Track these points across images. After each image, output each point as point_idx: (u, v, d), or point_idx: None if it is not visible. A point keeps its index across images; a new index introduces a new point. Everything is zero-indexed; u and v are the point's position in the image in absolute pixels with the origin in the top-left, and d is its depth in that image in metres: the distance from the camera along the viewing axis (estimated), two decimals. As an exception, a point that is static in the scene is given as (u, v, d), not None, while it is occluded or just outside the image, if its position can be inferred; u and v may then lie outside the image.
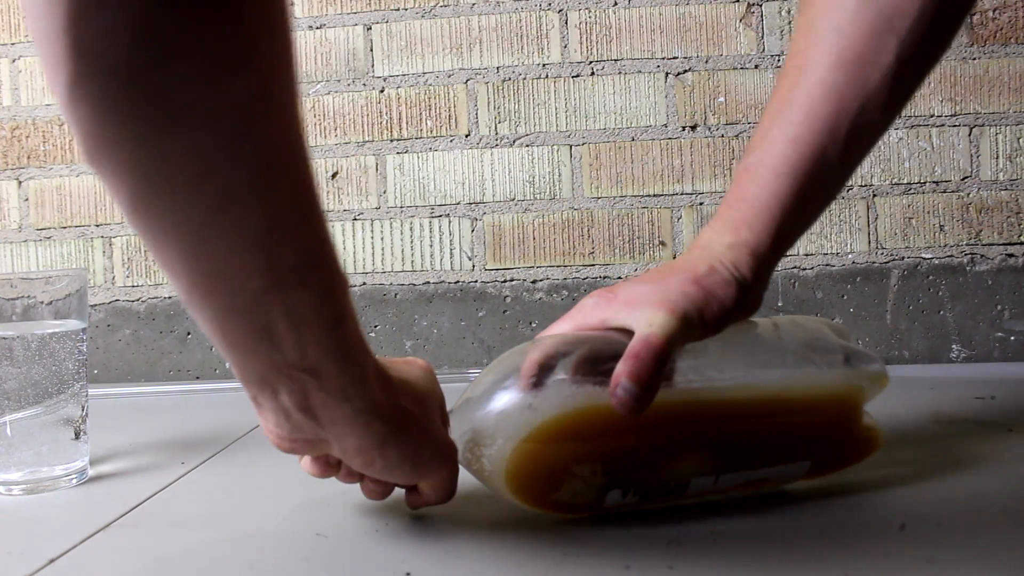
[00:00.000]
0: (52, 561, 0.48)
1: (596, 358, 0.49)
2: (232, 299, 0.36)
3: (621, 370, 0.45)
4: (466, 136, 1.12)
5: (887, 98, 0.53)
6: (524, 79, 1.11)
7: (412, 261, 1.13)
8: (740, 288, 0.50)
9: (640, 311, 0.48)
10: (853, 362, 0.54)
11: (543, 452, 0.47)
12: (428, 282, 1.13)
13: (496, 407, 0.48)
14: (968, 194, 1.08)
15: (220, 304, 0.36)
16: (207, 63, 0.30)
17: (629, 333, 0.48)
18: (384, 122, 1.13)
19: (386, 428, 0.43)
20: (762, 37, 1.09)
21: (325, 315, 0.39)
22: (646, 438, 0.48)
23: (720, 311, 0.49)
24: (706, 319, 0.48)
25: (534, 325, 1.11)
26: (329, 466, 0.48)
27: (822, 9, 0.54)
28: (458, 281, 1.12)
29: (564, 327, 0.53)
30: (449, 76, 1.12)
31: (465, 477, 0.49)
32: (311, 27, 1.13)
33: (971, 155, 1.07)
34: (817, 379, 0.53)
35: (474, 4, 1.11)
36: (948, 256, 1.07)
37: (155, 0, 0.28)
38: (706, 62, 1.09)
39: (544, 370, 0.48)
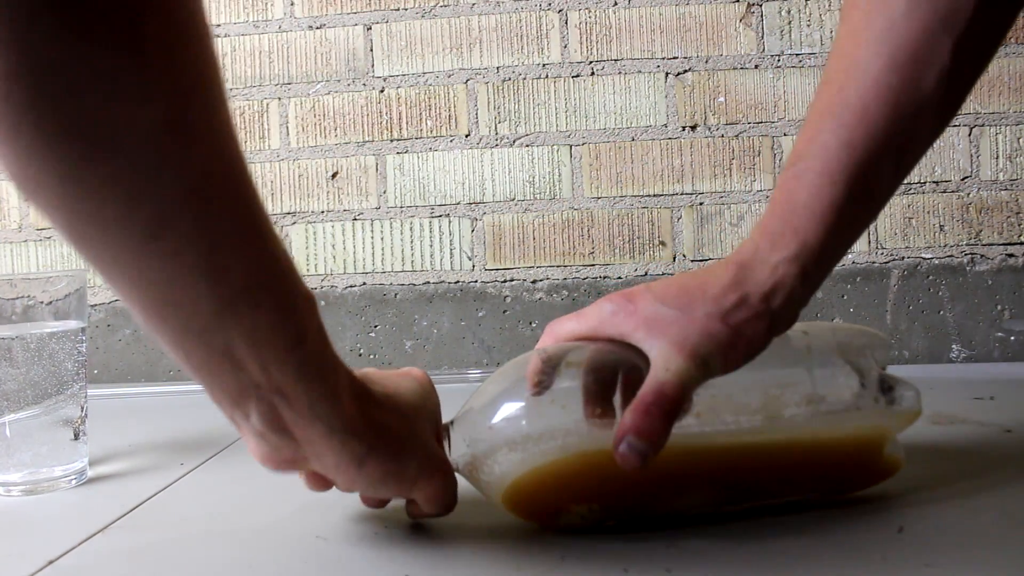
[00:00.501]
0: (51, 562, 0.48)
1: (605, 380, 0.47)
2: (186, 323, 0.36)
3: (628, 424, 0.43)
4: (466, 136, 1.12)
5: (942, 100, 0.49)
6: (524, 79, 1.11)
7: (412, 261, 1.13)
8: (771, 322, 0.46)
9: (659, 343, 0.45)
10: (886, 396, 0.50)
11: (540, 489, 0.46)
12: (428, 282, 1.13)
13: (499, 428, 0.47)
14: (968, 194, 1.07)
15: (175, 328, 0.36)
16: (111, 96, 0.30)
17: (643, 355, 0.46)
18: (384, 122, 1.13)
19: (362, 445, 0.42)
20: (762, 37, 1.09)
21: (285, 334, 0.38)
22: (650, 482, 0.47)
23: (746, 352, 0.46)
24: (728, 363, 0.46)
25: (534, 325, 1.11)
26: (325, 480, 0.47)
27: (869, 10, 0.50)
28: (458, 281, 1.12)
29: (574, 327, 0.50)
30: (449, 76, 1.12)
31: (464, 483, 0.49)
32: (311, 27, 1.13)
33: (971, 155, 1.07)
34: (842, 421, 0.49)
35: (474, 4, 1.11)
36: (948, 256, 1.07)
37: (51, 39, 0.28)
38: (706, 62, 1.09)
39: (550, 373, 0.47)
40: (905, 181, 1.06)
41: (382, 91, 1.13)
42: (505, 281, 1.12)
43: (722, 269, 0.48)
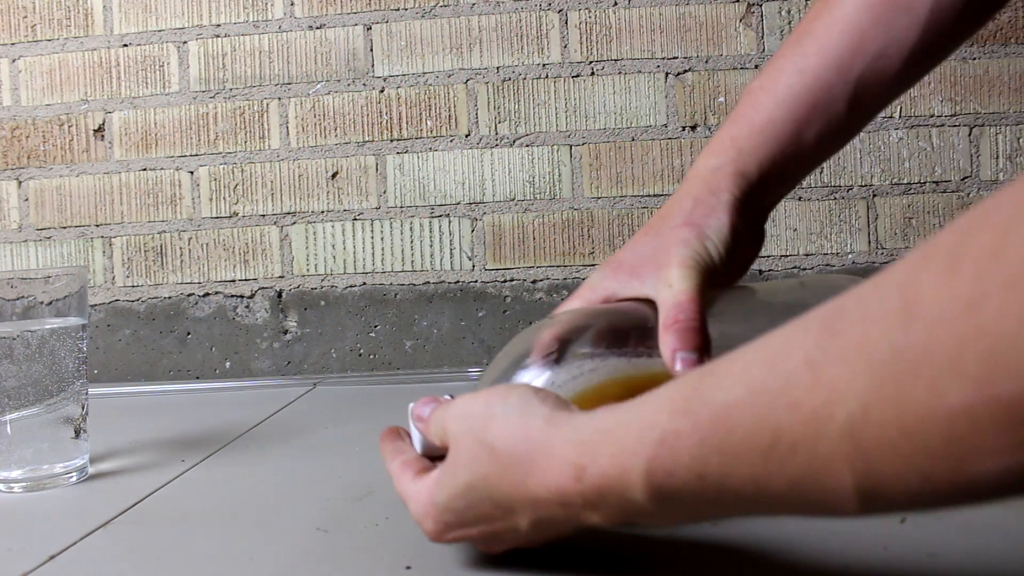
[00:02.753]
0: (52, 558, 0.48)
1: (616, 330, 0.47)
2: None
3: (671, 343, 0.44)
4: (466, 136, 1.12)
5: (912, 49, 0.50)
6: (524, 79, 1.11)
7: (412, 261, 1.13)
8: (731, 210, 0.49)
9: (650, 277, 0.48)
10: None
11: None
12: (428, 282, 1.13)
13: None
14: (968, 194, 1.08)
15: None
16: None
17: (645, 301, 0.48)
18: (384, 122, 1.13)
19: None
20: (762, 37, 1.09)
21: None
22: None
23: (721, 238, 0.48)
24: (713, 254, 0.48)
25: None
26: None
27: None
28: (458, 281, 1.12)
29: (574, 304, 0.52)
30: (449, 76, 1.12)
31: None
32: (311, 27, 1.13)
33: (971, 155, 1.08)
34: None
35: (474, 4, 1.11)
36: (948, 256, 1.07)
37: None
38: (706, 62, 1.10)
39: (563, 344, 0.47)
40: (905, 181, 1.07)
41: (382, 91, 1.13)
42: (505, 281, 1.12)
43: (677, 189, 0.52)
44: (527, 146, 1.11)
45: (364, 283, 1.13)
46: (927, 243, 0.24)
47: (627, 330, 0.47)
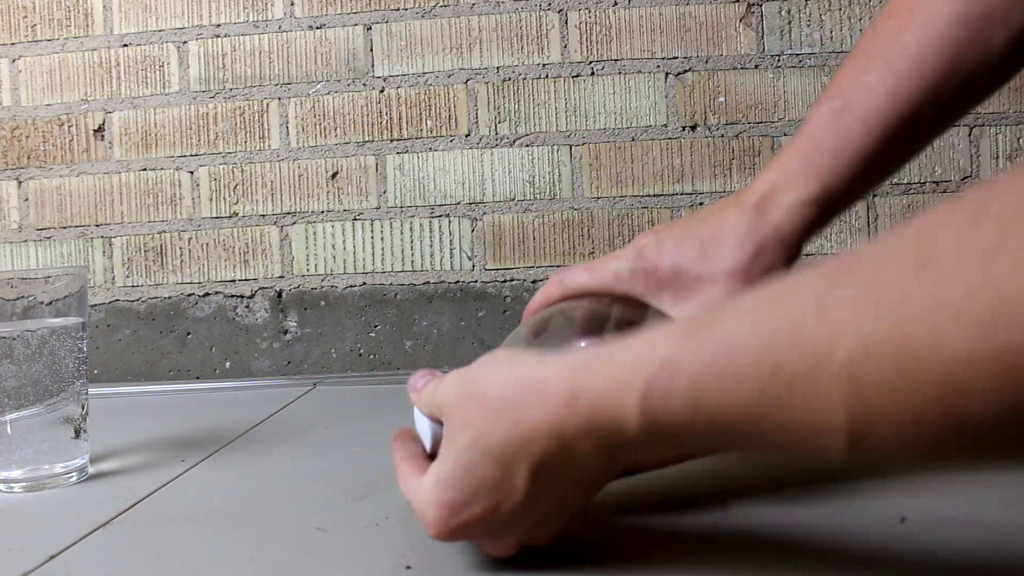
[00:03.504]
0: (52, 557, 0.48)
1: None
2: None
3: None
4: (466, 136, 1.12)
5: (1002, 64, 0.47)
6: (524, 79, 1.11)
7: (412, 261, 1.13)
8: (787, 264, 0.47)
9: (688, 311, 0.46)
10: None
11: None
12: (428, 282, 1.13)
13: None
14: (968, 194, 1.08)
15: None
16: None
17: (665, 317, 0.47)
18: (384, 122, 1.13)
19: None
20: (762, 37, 1.09)
21: None
22: None
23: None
24: None
25: (534, 325, 1.11)
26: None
27: None
28: (458, 281, 1.12)
29: (586, 281, 0.50)
30: (449, 76, 1.12)
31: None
32: (311, 27, 1.13)
33: (971, 155, 1.08)
34: None
35: (474, 4, 1.11)
36: (948, 256, 1.07)
37: None
38: (706, 62, 1.10)
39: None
40: (905, 181, 1.07)
41: (382, 91, 1.13)
42: (505, 281, 1.12)
43: (736, 213, 0.48)
44: (527, 146, 1.11)
45: (364, 283, 1.13)
46: (951, 200, 0.24)
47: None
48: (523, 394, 0.36)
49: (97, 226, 1.17)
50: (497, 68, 1.11)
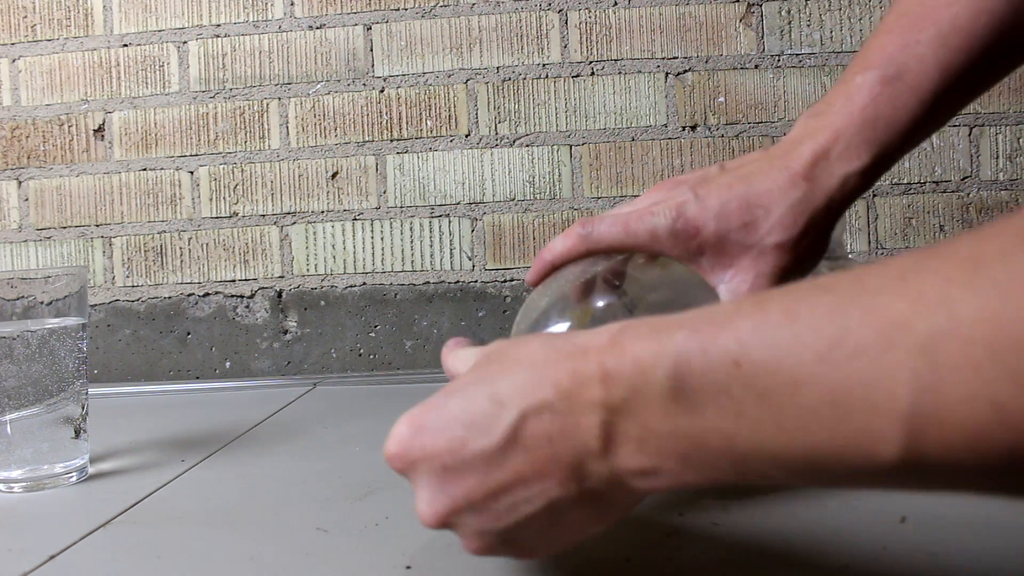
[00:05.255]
0: (52, 557, 0.48)
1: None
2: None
3: None
4: (466, 136, 1.12)
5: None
6: (524, 79, 1.11)
7: (412, 261, 1.13)
8: (830, 233, 0.46)
9: (729, 283, 0.45)
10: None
11: None
12: (428, 282, 1.13)
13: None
14: (968, 194, 1.08)
15: None
16: None
17: (705, 285, 0.45)
18: (384, 122, 1.13)
19: None
20: (762, 37, 1.09)
21: None
22: None
23: (808, 271, 0.46)
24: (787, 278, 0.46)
25: (534, 325, 1.11)
26: None
27: None
28: (458, 281, 1.12)
29: (618, 236, 0.47)
30: (449, 76, 1.12)
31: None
32: (311, 27, 1.13)
33: (971, 155, 1.08)
34: None
35: (474, 4, 1.11)
36: (948, 256, 1.07)
37: None
38: (706, 62, 1.09)
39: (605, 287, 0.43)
40: (905, 181, 1.07)
41: (382, 91, 1.13)
42: (505, 281, 1.12)
43: (785, 180, 0.46)
44: (527, 146, 1.11)
45: (364, 283, 1.13)
46: None
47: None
48: (552, 354, 0.32)
49: (97, 226, 1.17)
50: (497, 68, 1.11)
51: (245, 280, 1.15)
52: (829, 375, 0.24)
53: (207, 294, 1.15)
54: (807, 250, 0.46)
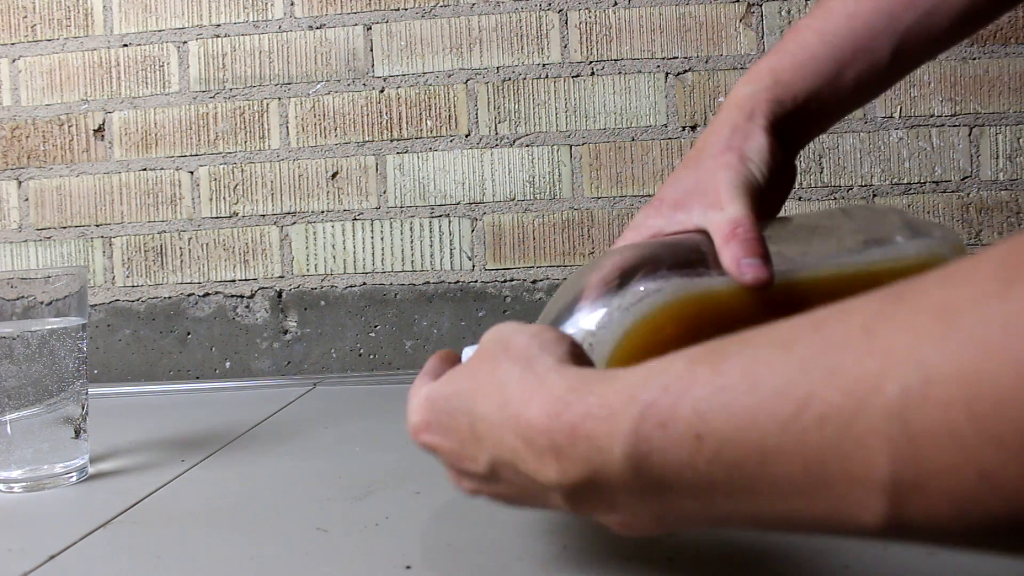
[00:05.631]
0: (52, 557, 0.48)
1: (674, 256, 0.44)
2: None
3: (734, 252, 0.42)
4: (466, 136, 1.12)
5: (962, 10, 0.51)
6: (524, 79, 1.11)
7: (412, 261, 1.13)
8: (768, 134, 0.49)
9: (696, 207, 0.47)
10: (927, 234, 0.50)
11: (648, 347, 0.40)
12: (428, 282, 1.13)
13: (584, 317, 0.42)
14: (968, 194, 1.08)
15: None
16: None
17: (695, 232, 0.47)
18: (384, 122, 1.13)
19: None
20: (762, 37, 1.09)
21: None
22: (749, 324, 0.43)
23: (763, 159, 0.48)
24: (757, 175, 0.47)
25: (534, 325, 1.11)
26: None
27: None
28: (458, 281, 1.12)
29: (627, 236, 0.50)
30: (449, 76, 1.12)
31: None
32: (311, 27, 1.13)
33: (971, 155, 1.07)
34: (902, 252, 0.46)
35: (474, 4, 1.11)
36: (948, 256, 1.07)
37: None
38: (706, 62, 1.09)
39: (623, 273, 0.44)
40: (905, 181, 1.07)
41: (382, 91, 1.13)
42: (505, 281, 1.12)
43: (716, 115, 0.51)
44: (527, 146, 1.11)
45: (364, 283, 1.13)
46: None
47: (685, 255, 0.44)
48: (521, 379, 0.33)
49: (97, 226, 1.17)
50: (497, 68, 1.11)
51: (245, 280, 1.15)
52: (799, 444, 0.23)
53: (207, 294, 1.15)
54: (743, 144, 0.48)
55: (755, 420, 0.24)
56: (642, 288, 0.42)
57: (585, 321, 0.42)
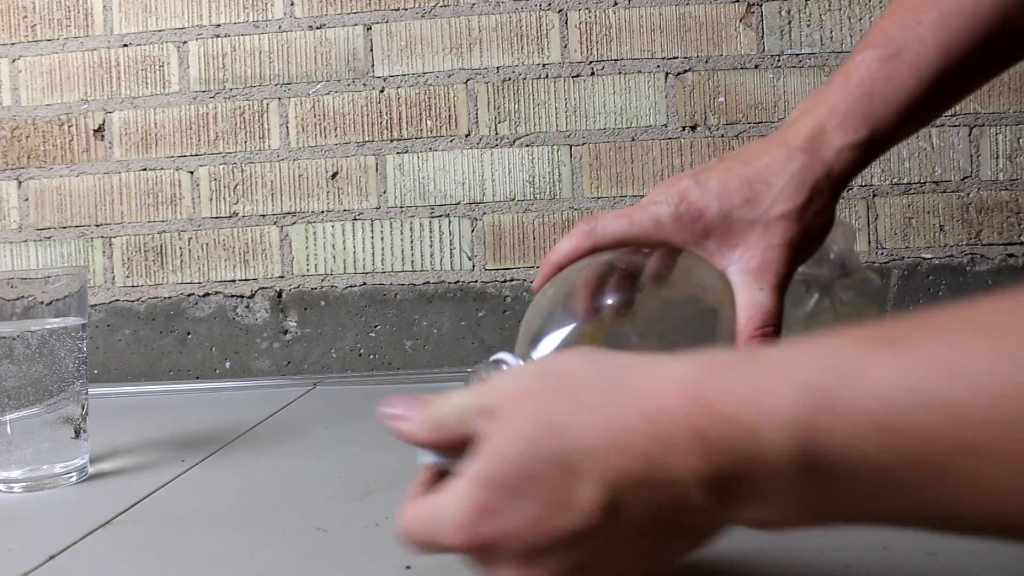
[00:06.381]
0: (52, 557, 0.48)
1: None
2: None
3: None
4: (466, 136, 1.12)
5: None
6: (524, 79, 1.11)
7: (412, 261, 1.13)
8: (834, 204, 0.46)
9: (739, 262, 0.45)
10: (845, 279, 0.49)
11: None
12: (428, 282, 1.13)
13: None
14: (968, 194, 1.08)
15: None
16: None
17: (711, 267, 0.45)
18: (384, 122, 1.13)
19: None
20: (762, 37, 1.09)
21: None
22: None
23: (817, 242, 0.46)
24: (803, 257, 0.46)
25: (534, 325, 1.11)
26: None
27: None
28: (458, 281, 1.12)
29: (623, 228, 0.46)
30: (449, 76, 1.12)
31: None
32: (311, 27, 1.13)
33: (971, 155, 1.07)
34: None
35: (474, 4, 1.11)
36: (948, 256, 1.07)
37: None
38: (706, 62, 1.09)
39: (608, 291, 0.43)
40: (905, 181, 1.07)
41: (382, 91, 1.13)
42: (505, 281, 1.12)
43: (784, 155, 0.46)
44: (527, 146, 1.11)
45: (364, 283, 1.13)
46: None
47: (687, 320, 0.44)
48: (621, 382, 0.28)
49: (97, 226, 1.17)
50: (497, 68, 1.11)
51: (245, 280, 1.15)
52: (1014, 449, 0.20)
53: (207, 294, 1.15)
54: (813, 220, 0.45)
55: (962, 415, 0.21)
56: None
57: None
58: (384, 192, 1.13)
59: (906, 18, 0.48)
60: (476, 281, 1.12)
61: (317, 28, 1.13)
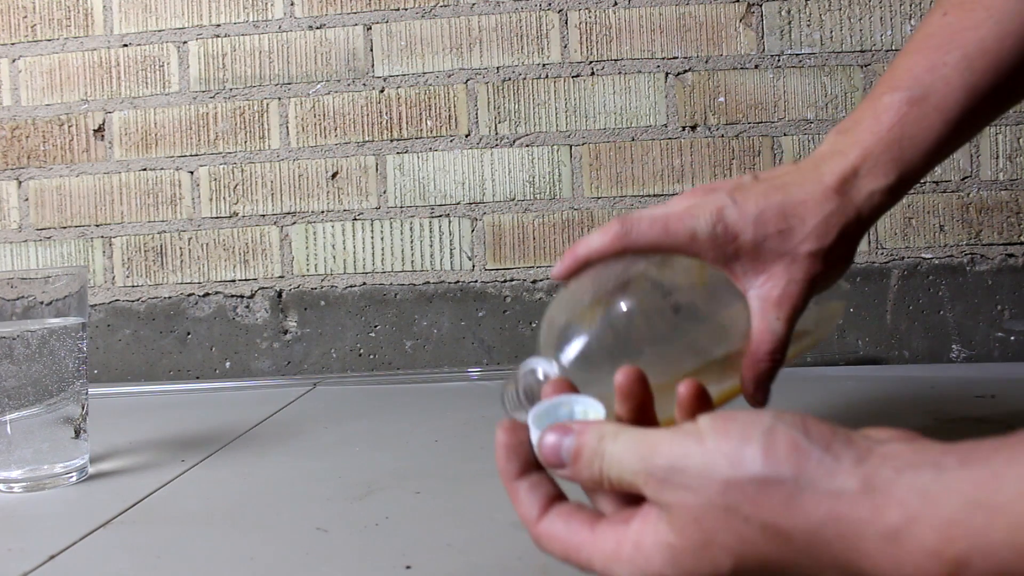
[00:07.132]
0: (52, 558, 0.48)
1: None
2: None
3: (758, 378, 0.46)
4: (466, 136, 1.12)
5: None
6: (524, 79, 1.11)
7: (412, 261, 1.13)
8: (853, 256, 0.48)
9: (763, 287, 0.46)
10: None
11: None
12: (428, 282, 1.13)
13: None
14: (968, 194, 1.08)
15: None
16: None
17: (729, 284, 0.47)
18: (384, 122, 1.13)
19: None
20: (762, 37, 1.09)
21: None
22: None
23: (837, 279, 0.48)
24: (820, 290, 0.48)
25: (534, 325, 1.11)
26: None
27: None
28: (458, 281, 1.12)
29: (656, 237, 0.46)
30: (449, 76, 1.12)
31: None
32: (311, 27, 1.13)
33: (971, 155, 1.07)
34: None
35: (474, 4, 1.11)
36: (948, 256, 1.07)
37: None
38: (706, 62, 1.09)
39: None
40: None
41: (382, 91, 1.13)
42: (505, 281, 1.12)
43: (819, 192, 0.47)
44: (527, 146, 1.11)
45: (364, 283, 1.13)
46: None
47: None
48: (850, 538, 0.27)
49: (97, 226, 1.17)
50: (497, 68, 1.11)
51: (245, 280, 1.15)
52: None
53: (207, 294, 1.15)
54: (837, 260, 0.47)
55: None
56: None
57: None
58: (384, 192, 1.13)
59: (931, 58, 0.49)
60: (476, 281, 1.12)
61: (317, 28, 1.13)
